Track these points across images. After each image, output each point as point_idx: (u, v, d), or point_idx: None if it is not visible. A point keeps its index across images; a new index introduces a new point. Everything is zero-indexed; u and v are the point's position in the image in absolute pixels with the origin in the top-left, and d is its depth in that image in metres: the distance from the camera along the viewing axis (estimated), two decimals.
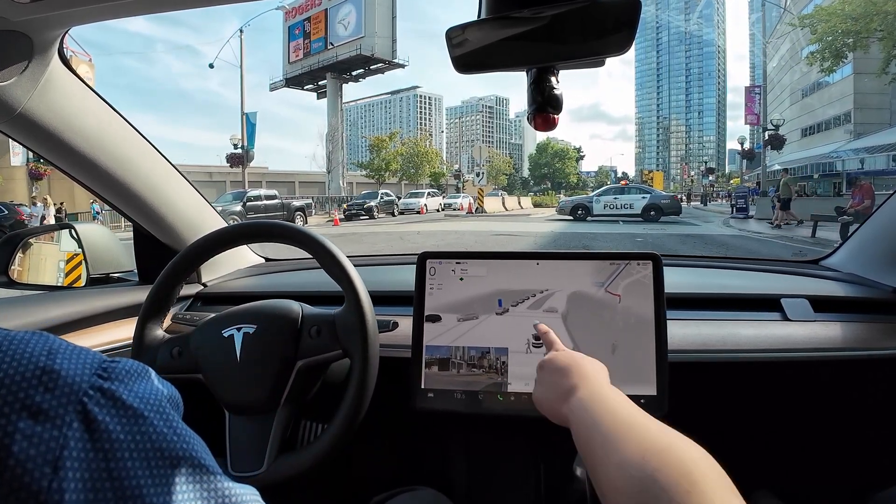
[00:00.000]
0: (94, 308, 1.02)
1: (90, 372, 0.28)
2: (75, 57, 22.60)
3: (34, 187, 21.58)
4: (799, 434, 1.18)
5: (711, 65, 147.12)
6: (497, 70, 0.75)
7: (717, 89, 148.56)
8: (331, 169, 34.22)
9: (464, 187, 34.44)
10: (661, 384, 0.87)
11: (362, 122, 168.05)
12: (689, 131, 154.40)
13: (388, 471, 1.28)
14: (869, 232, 1.20)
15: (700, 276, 1.27)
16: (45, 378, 0.26)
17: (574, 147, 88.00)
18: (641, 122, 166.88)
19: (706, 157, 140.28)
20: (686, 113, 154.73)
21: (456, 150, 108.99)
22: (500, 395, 0.90)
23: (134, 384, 0.30)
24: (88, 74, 23.38)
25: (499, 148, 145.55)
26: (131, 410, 0.29)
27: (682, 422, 0.93)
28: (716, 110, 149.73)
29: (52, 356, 0.27)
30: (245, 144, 24.48)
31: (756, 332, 1.00)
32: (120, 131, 1.01)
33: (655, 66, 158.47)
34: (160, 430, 0.29)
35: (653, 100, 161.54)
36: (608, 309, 0.91)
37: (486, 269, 0.94)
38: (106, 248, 1.20)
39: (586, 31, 0.69)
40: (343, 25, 36.57)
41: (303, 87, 41.63)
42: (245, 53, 23.86)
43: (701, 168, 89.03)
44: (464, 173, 40.40)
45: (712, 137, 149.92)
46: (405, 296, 0.99)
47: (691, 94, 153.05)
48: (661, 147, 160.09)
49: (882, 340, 1.00)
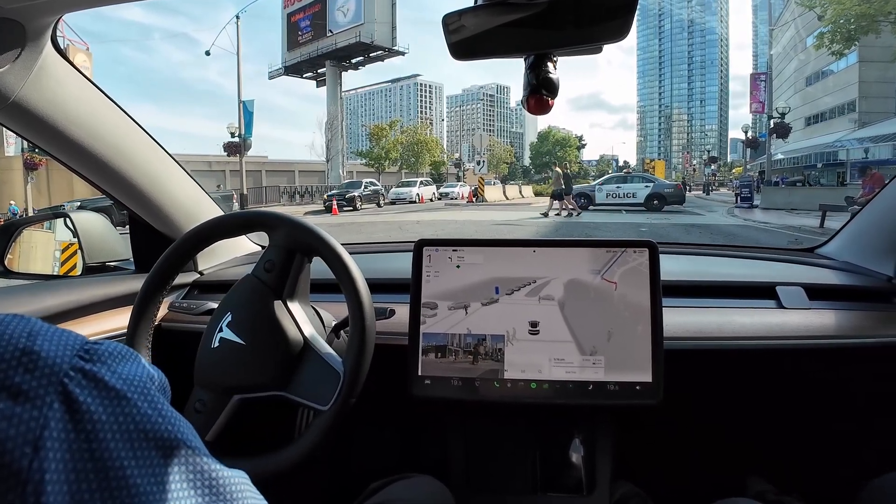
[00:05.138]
0: (91, 297, 1.01)
1: (71, 353, 0.28)
2: (72, 46, 22.29)
3: (29, 177, 21.23)
4: (792, 421, 1.19)
5: (714, 53, 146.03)
6: (494, 57, 0.74)
7: (720, 78, 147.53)
8: (330, 158, 34.03)
9: (465, 176, 34.17)
10: (657, 372, 0.88)
11: (363, 111, 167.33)
12: (690, 120, 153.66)
13: (385, 458, 1.29)
14: (864, 221, 1.21)
15: (696, 264, 1.28)
16: (25, 359, 0.26)
17: (576, 135, 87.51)
18: (643, 110, 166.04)
19: (708, 145, 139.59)
20: (688, 101, 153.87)
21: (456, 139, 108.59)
22: (496, 382, 0.91)
23: (117, 366, 0.30)
24: (86, 63, 23.06)
25: (499, 136, 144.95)
26: (114, 392, 0.28)
27: (678, 409, 0.95)
28: (718, 99, 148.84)
29: (33, 338, 0.27)
30: (242, 133, 24.03)
31: (751, 320, 1.01)
32: (115, 119, 1.00)
33: (658, 54, 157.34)
34: (144, 412, 0.29)
35: (655, 88, 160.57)
36: (604, 297, 0.91)
37: (482, 257, 0.94)
38: (101, 237, 1.20)
39: (583, 18, 0.68)
40: (342, 12, 36.25)
41: (302, 75, 41.37)
42: (244, 42, 23.66)
43: (703, 157, 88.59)
44: (464, 162, 40.20)
45: (714, 126, 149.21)
46: (402, 283, 0.99)
47: (693, 83, 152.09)
48: (663, 136, 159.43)
49: (876, 328, 1.01)
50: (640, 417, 1.14)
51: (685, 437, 1.21)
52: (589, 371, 0.90)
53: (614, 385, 0.89)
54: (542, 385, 0.90)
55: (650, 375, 0.88)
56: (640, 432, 1.16)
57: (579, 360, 0.90)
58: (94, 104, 0.95)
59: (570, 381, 0.90)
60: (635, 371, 0.89)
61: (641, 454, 1.16)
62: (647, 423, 1.15)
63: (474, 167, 33.22)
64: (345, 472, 1.23)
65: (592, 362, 0.90)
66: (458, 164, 40.73)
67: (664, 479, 1.14)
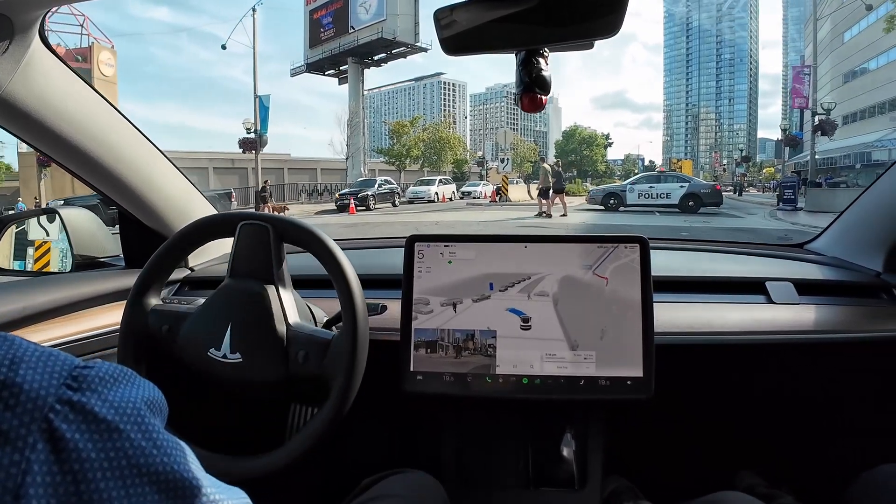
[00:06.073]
0: (81, 293, 1.00)
1: (58, 382, 0.26)
2: (97, 44, 22.69)
3: (42, 174, 21.35)
4: (782, 415, 1.20)
5: (744, 50, 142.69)
6: (485, 52, 0.75)
7: (749, 76, 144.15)
8: (349, 155, 34.09)
9: (487, 175, 33.87)
10: (648, 366, 0.89)
11: (386, 109, 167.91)
12: (719, 119, 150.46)
13: (378, 453, 1.30)
14: (853, 216, 1.22)
15: (686, 260, 1.29)
16: (6, 394, 0.24)
17: (602, 134, 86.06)
18: (669, 109, 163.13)
19: (740, 144, 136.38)
20: (716, 100, 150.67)
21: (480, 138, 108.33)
22: (488, 378, 0.91)
23: (109, 391, 0.28)
24: (110, 61, 23.36)
25: (523, 135, 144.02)
26: (104, 424, 0.26)
27: (669, 403, 0.96)
28: (747, 97, 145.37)
29: (15, 366, 0.25)
30: (258, 128, 23.05)
31: (741, 315, 1.02)
32: (104, 115, 0.99)
33: (685, 52, 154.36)
34: (137, 444, 0.27)
35: (682, 86, 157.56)
36: (596, 292, 0.92)
37: (474, 253, 0.95)
38: (91, 233, 1.19)
39: (574, 14, 0.69)
40: (364, 9, 36.28)
41: (324, 72, 41.43)
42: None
43: (735, 157, 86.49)
44: (487, 160, 39.95)
45: (743, 125, 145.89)
46: (394, 279, 1.00)
47: (722, 81, 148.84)
48: (690, 135, 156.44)
49: (864, 323, 1.03)
50: (632, 412, 1.15)
51: (676, 432, 1.22)
52: (580, 366, 0.90)
53: (606, 380, 0.89)
54: (533, 380, 0.91)
55: (641, 370, 0.89)
56: (632, 427, 1.16)
57: (571, 356, 0.90)
58: (83, 99, 0.94)
59: (561, 377, 0.90)
60: (626, 366, 0.89)
61: (633, 449, 1.17)
62: (639, 417, 1.16)
63: (498, 165, 32.72)
64: (337, 467, 1.23)
65: (584, 357, 0.90)
66: (481, 163, 40.44)
67: (655, 473, 1.14)
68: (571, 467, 1.04)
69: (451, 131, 45.19)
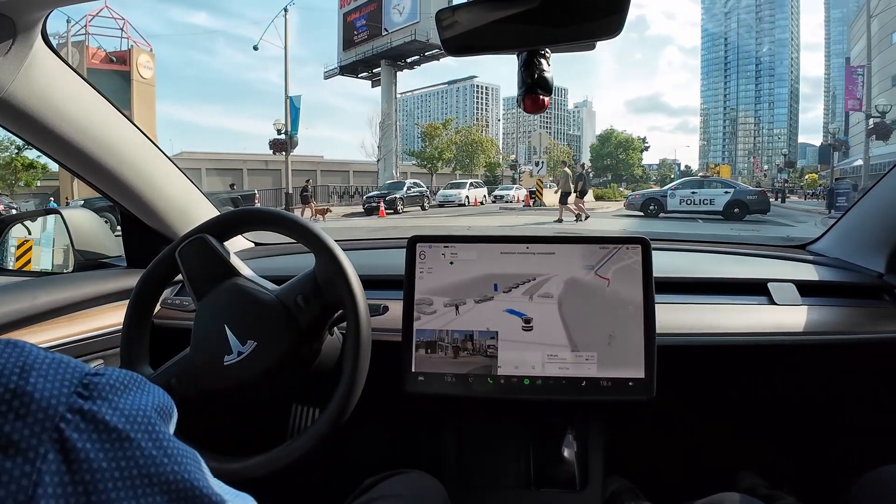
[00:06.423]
0: (83, 294, 1.00)
1: (69, 391, 0.26)
2: (136, 47, 23.28)
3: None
4: (784, 416, 1.19)
5: (785, 52, 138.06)
6: (487, 53, 0.76)
7: (790, 79, 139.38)
8: (381, 157, 34.22)
9: (520, 178, 33.56)
10: (650, 368, 0.88)
11: (418, 112, 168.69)
12: (758, 123, 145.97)
13: (379, 454, 1.30)
14: (854, 218, 1.21)
15: (689, 261, 1.29)
16: (16, 403, 0.24)
17: (639, 137, 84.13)
18: (707, 113, 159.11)
19: (783, 149, 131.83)
20: (755, 104, 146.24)
21: (512, 141, 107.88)
22: (489, 379, 0.92)
23: (119, 399, 0.28)
24: (149, 63, 23.72)
25: (557, 139, 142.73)
26: (115, 433, 0.26)
27: (670, 404, 0.95)
28: (788, 101, 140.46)
29: (26, 374, 0.25)
30: (289, 129, 23.07)
31: (743, 317, 1.02)
32: (106, 116, 0.99)
33: (723, 55, 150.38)
34: (148, 453, 0.27)
35: (720, 90, 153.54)
36: (598, 294, 0.92)
37: (476, 254, 0.95)
38: (93, 233, 1.19)
39: (576, 15, 0.69)
40: (398, 11, 36.48)
41: (357, 74, 41.73)
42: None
43: (777, 162, 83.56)
44: (520, 164, 39.64)
45: (783, 130, 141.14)
46: (396, 280, 1.00)
47: (762, 84, 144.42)
48: (728, 140, 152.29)
49: (866, 325, 1.02)
50: (633, 413, 1.14)
51: (678, 433, 1.22)
52: (582, 367, 0.90)
53: (607, 381, 0.89)
54: (535, 381, 0.91)
55: (643, 371, 0.88)
56: (633, 428, 1.16)
57: (572, 357, 0.91)
58: (86, 101, 0.94)
59: (563, 378, 0.90)
60: (628, 367, 0.89)
61: (634, 449, 1.16)
62: (640, 418, 1.16)
63: (532, 169, 32.20)
64: (338, 467, 1.24)
65: (585, 358, 0.90)
66: (514, 166, 40.12)
67: (656, 474, 1.14)
68: (572, 468, 1.03)
69: (483, 134, 45.03)
